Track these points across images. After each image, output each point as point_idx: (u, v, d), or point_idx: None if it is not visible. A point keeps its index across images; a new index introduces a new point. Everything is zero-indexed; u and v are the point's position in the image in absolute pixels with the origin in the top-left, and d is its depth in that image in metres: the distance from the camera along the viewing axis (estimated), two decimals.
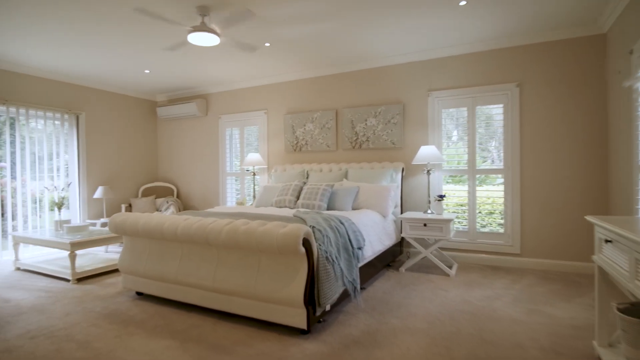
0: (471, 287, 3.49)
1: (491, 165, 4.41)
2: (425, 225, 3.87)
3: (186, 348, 2.33)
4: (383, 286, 3.54)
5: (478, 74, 4.35)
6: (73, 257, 3.76)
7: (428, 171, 4.19)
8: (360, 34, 4.01)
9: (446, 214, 4.15)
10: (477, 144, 4.38)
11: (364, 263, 3.27)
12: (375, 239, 3.56)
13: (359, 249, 3.05)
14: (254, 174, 5.56)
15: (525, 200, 4.17)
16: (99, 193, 5.82)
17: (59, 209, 4.58)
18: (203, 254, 2.80)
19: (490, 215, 4.39)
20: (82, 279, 3.88)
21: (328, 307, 2.59)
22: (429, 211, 4.14)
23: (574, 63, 3.93)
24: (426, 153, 4.12)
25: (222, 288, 2.65)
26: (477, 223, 4.38)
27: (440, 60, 4.54)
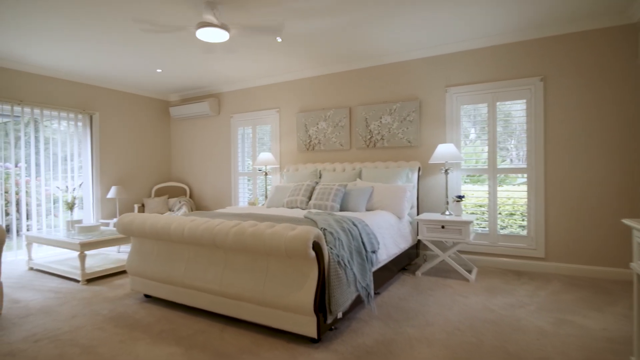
0: (492, 294, 3.29)
1: (510, 164, 4.19)
2: (443, 227, 3.69)
3: (190, 355, 2.22)
4: (398, 291, 3.37)
5: (499, 68, 4.14)
6: (83, 258, 3.72)
7: (446, 170, 4.00)
8: (374, 28, 3.85)
9: (465, 215, 3.95)
10: (498, 141, 4.17)
11: (378, 267, 3.11)
12: (390, 241, 3.40)
13: (373, 252, 2.90)
14: (266, 174, 5.46)
15: (550, 201, 3.93)
16: (112, 193, 5.82)
17: (71, 209, 4.56)
18: (210, 256, 2.70)
19: (511, 216, 4.17)
20: (92, 280, 3.84)
21: (340, 315, 2.45)
22: (447, 212, 3.95)
23: (603, 54, 3.68)
24: (444, 151, 3.93)
25: (230, 292, 2.54)
26: (498, 225, 4.17)
27: (459, 55, 4.34)
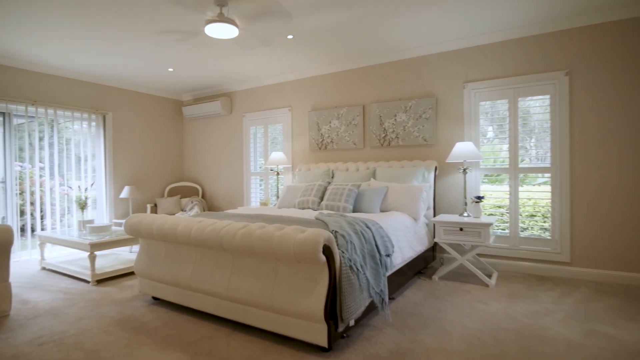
0: (514, 300, 3.11)
1: (530, 163, 3.98)
2: (461, 229, 3.51)
3: None
4: (414, 297, 3.22)
5: (520, 62, 3.94)
6: (93, 259, 3.68)
7: (464, 170, 3.82)
8: (388, 22, 3.71)
9: (484, 217, 3.76)
10: (520, 139, 3.96)
11: (392, 271, 2.97)
12: (405, 244, 3.25)
13: (387, 256, 2.76)
14: (278, 174, 5.36)
15: (576, 203, 3.71)
16: (125, 193, 5.82)
17: (82, 209, 4.55)
18: (218, 259, 2.61)
19: (532, 218, 3.96)
20: (102, 281, 3.81)
21: (352, 322, 2.33)
22: (465, 214, 3.78)
23: (635, 46, 3.45)
24: (462, 150, 3.76)
25: (237, 297, 2.44)
26: (520, 227, 3.97)
27: (478, 49, 4.15)
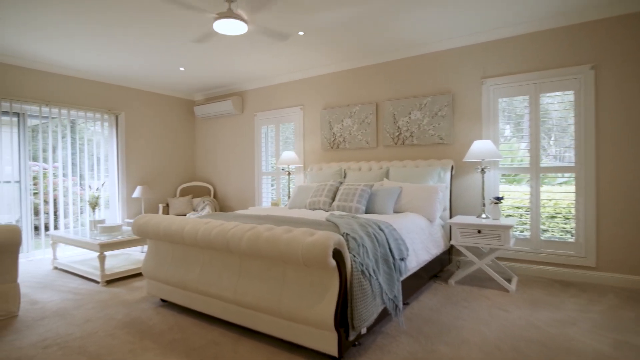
0: (537, 307, 2.94)
1: (550, 162, 3.78)
2: (479, 232, 3.36)
3: None
4: (429, 302, 3.08)
5: (542, 56, 3.74)
6: (102, 259, 3.66)
7: (482, 169, 3.66)
8: (402, 17, 3.57)
9: (504, 219, 3.59)
10: (542, 137, 3.78)
11: (407, 275, 2.84)
12: (420, 247, 3.11)
13: (402, 260, 2.63)
14: (289, 174, 5.27)
15: (602, 204, 3.51)
16: (137, 192, 5.82)
17: (93, 208, 4.55)
18: (225, 261, 2.52)
19: (552, 219, 3.77)
20: (112, 281, 3.78)
21: (364, 330, 2.21)
22: (484, 215, 3.61)
23: None
24: (480, 149, 3.60)
25: (244, 301, 2.35)
26: (541, 229, 3.78)
27: (496, 43, 3.97)
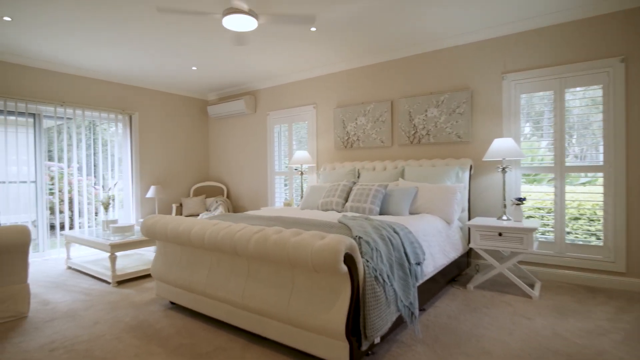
0: (563, 315, 2.76)
1: (575, 161, 3.57)
2: (500, 234, 3.19)
3: None
4: (447, 308, 2.93)
5: (568, 49, 3.54)
6: (113, 259, 3.63)
7: (503, 169, 3.48)
8: (417, 10, 3.42)
9: (527, 221, 3.41)
10: (567, 134, 3.57)
11: (423, 280, 2.70)
12: (437, 250, 2.97)
13: (418, 264, 2.50)
14: (302, 173, 5.17)
15: (634, 205, 3.29)
16: (151, 192, 5.83)
17: (106, 208, 4.55)
18: (233, 265, 2.44)
19: (576, 221, 3.56)
20: (123, 282, 3.76)
21: (377, 340, 2.09)
22: (504, 217, 3.44)
23: None
24: (501, 147, 3.42)
25: (251, 306, 2.26)
26: (567, 232, 3.58)
27: (518, 36, 3.78)
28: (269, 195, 6.01)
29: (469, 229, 3.47)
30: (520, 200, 3.35)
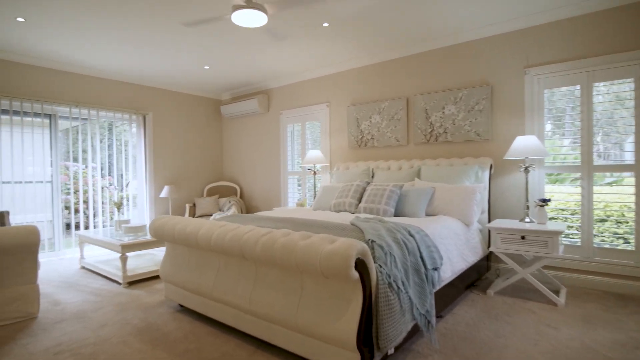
0: (592, 325, 2.58)
1: (600, 160, 3.35)
2: (523, 237, 3.01)
3: None
4: (466, 315, 2.78)
5: (596, 40, 3.33)
6: (124, 260, 3.60)
7: (526, 168, 3.29)
8: (435, 3, 3.27)
9: (552, 223, 3.22)
10: (596, 132, 3.36)
11: (440, 286, 2.56)
12: (455, 254, 2.81)
13: (435, 269, 2.36)
14: (315, 173, 5.07)
15: None
16: (165, 192, 5.83)
17: (118, 209, 4.54)
18: (241, 268, 2.36)
19: (602, 223, 3.35)
20: (134, 283, 3.73)
21: (391, 350, 1.96)
22: (527, 219, 3.25)
23: None
24: (524, 145, 3.24)
25: (259, 312, 2.16)
26: (595, 236, 3.36)
27: (541, 28, 3.58)
28: (282, 195, 5.93)
29: (489, 231, 3.30)
30: (545, 201, 3.16)
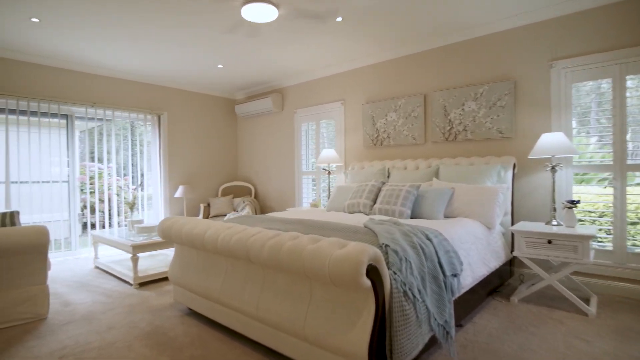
0: (627, 338, 2.36)
1: (631, 159, 3.11)
2: (550, 242, 2.81)
3: None
4: (488, 325, 2.60)
5: (628, 30, 3.09)
6: (135, 261, 3.57)
7: (553, 167, 3.09)
8: None
9: (581, 226, 3.00)
10: (629, 128, 3.12)
11: (460, 294, 2.39)
12: (476, 259, 2.64)
13: (454, 276, 2.20)
14: (329, 173, 4.95)
15: None
16: (179, 192, 5.81)
17: (131, 209, 4.53)
18: (248, 272, 2.26)
19: (633, 226, 3.10)
20: (145, 283, 3.69)
21: None
22: (554, 222, 3.05)
23: None
24: (550, 143, 3.03)
25: (266, 319, 2.06)
26: (629, 240, 3.12)
27: (569, 18, 3.36)
28: (296, 195, 5.83)
29: (513, 234, 3.11)
30: (574, 202, 2.95)
